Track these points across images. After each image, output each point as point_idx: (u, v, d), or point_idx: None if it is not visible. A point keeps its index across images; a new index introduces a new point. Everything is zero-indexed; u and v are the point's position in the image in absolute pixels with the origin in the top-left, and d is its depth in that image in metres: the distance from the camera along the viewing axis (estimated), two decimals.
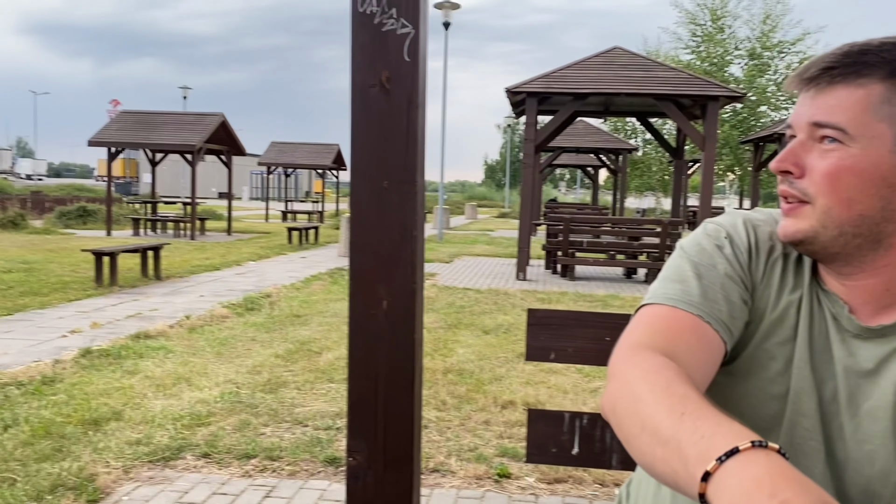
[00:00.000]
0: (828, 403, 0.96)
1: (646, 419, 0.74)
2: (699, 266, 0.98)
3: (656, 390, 0.77)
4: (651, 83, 11.56)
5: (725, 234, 1.02)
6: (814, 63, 0.91)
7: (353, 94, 1.86)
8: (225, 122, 18.17)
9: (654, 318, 0.94)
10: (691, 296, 0.94)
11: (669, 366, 0.82)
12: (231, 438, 3.96)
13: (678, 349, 0.88)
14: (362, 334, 1.90)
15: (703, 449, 0.64)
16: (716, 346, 0.92)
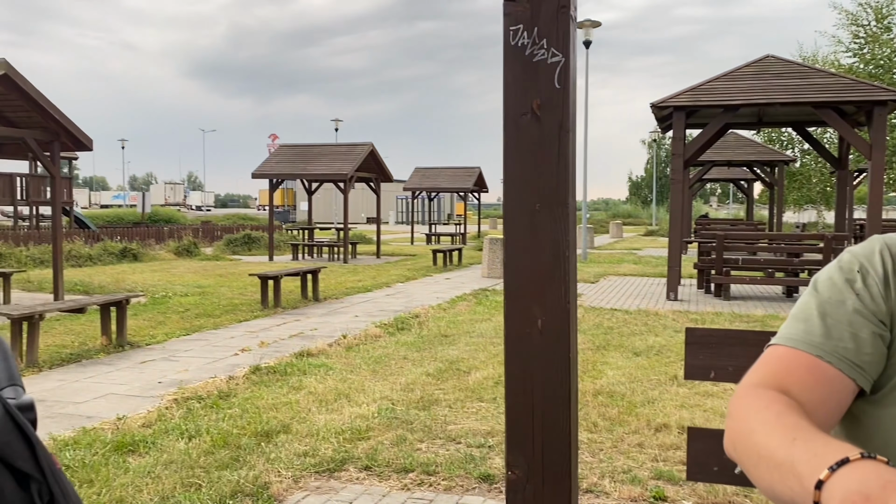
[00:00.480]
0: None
1: (761, 449, 0.78)
2: (826, 304, 0.98)
3: (768, 422, 0.81)
4: (808, 91, 10.93)
5: (858, 268, 1.00)
6: None
7: (506, 122, 1.95)
8: (374, 150, 19.00)
9: (773, 359, 0.96)
10: (812, 335, 0.95)
11: (780, 399, 0.85)
12: (389, 452, 4.14)
13: (792, 388, 0.90)
14: (518, 352, 1.98)
15: (815, 464, 0.68)
16: (839, 383, 0.92)
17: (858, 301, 0.97)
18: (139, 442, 4.27)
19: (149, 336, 7.90)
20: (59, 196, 10.80)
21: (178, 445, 4.23)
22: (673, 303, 10.88)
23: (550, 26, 1.90)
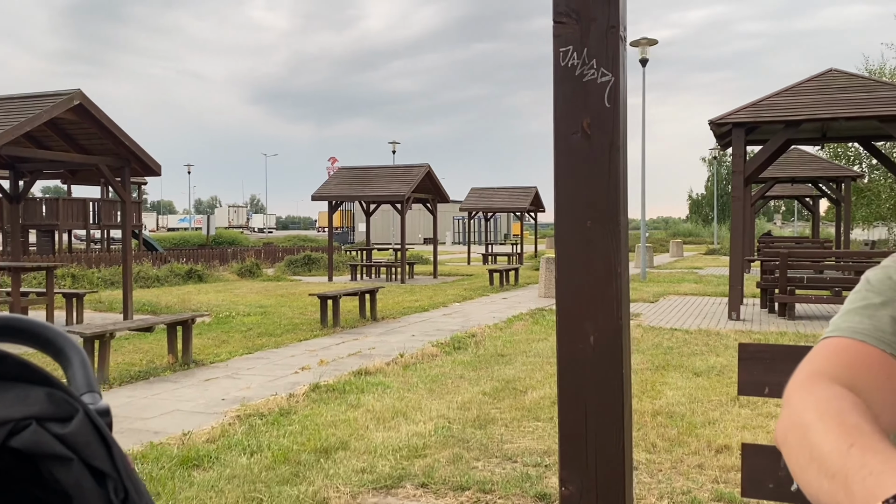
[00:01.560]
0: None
1: (813, 449, 0.71)
2: (890, 302, 0.90)
3: (826, 419, 0.73)
4: (874, 104, 10.62)
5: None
6: None
7: (556, 140, 1.99)
8: (430, 171, 19.20)
9: (838, 350, 0.88)
10: (882, 331, 0.87)
11: (845, 395, 0.77)
12: (446, 470, 4.16)
13: (861, 384, 0.82)
14: (571, 369, 1.99)
15: (869, 487, 0.61)
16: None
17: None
18: (203, 457, 4.40)
19: (213, 354, 8.12)
20: (129, 220, 11.25)
21: (241, 461, 4.34)
22: (735, 322, 10.63)
23: (600, 47, 1.93)
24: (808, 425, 0.75)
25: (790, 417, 0.79)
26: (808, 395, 0.79)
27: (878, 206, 28.42)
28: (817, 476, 0.69)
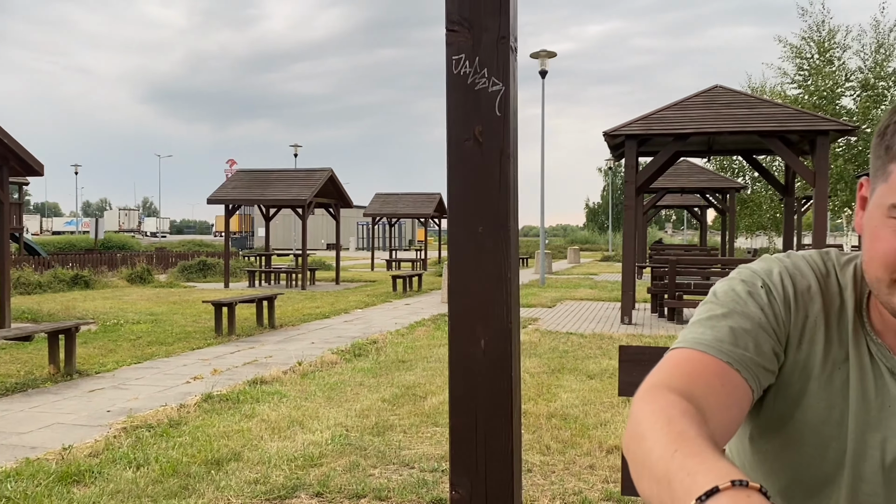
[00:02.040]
0: (892, 462, 0.95)
1: (646, 457, 0.74)
2: (732, 314, 0.97)
3: (657, 428, 0.77)
4: (755, 120, 11.30)
5: (762, 284, 1.00)
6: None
7: (449, 147, 2.01)
8: (333, 176, 19.00)
9: (680, 361, 0.93)
10: (721, 342, 0.93)
11: (677, 404, 0.81)
12: (342, 478, 4.12)
13: (698, 390, 0.87)
14: (462, 372, 2.01)
15: (686, 487, 0.64)
16: (742, 392, 0.91)
17: (762, 315, 0.97)
18: (85, 472, 4.17)
19: (98, 364, 7.73)
20: (7, 222, 10.56)
21: (126, 475, 4.15)
22: (627, 326, 11.04)
23: (491, 56, 1.97)
24: (642, 434, 0.79)
25: (630, 428, 0.83)
26: (647, 406, 0.83)
27: (759, 216, 30.21)
28: (649, 482, 0.73)
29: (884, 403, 0.96)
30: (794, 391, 1.00)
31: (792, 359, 1.00)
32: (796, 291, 1.00)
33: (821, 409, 0.99)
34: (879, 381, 0.97)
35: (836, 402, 0.98)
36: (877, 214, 0.88)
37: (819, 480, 1.00)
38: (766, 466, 1.06)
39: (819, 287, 1.01)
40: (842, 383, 0.98)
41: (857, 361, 0.98)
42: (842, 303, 1.01)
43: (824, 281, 1.02)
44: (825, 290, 1.02)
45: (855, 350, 0.98)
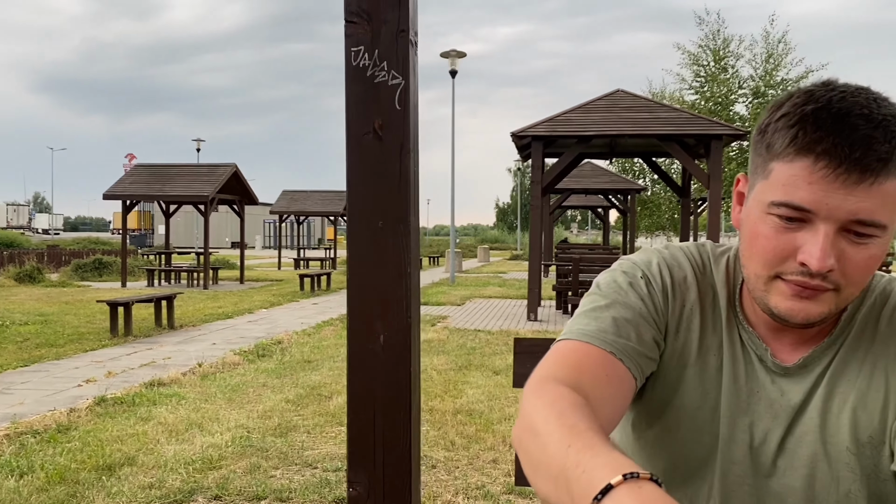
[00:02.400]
0: (759, 445, 0.99)
1: (540, 454, 0.74)
2: (614, 304, 0.99)
3: (549, 422, 0.77)
4: (654, 124, 11.74)
5: (641, 274, 1.03)
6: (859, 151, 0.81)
7: (348, 140, 1.98)
8: (237, 172, 18.51)
9: (566, 352, 0.95)
10: (605, 332, 0.96)
11: (566, 396, 0.82)
12: (241, 481, 4.01)
13: (584, 382, 0.88)
14: (361, 368, 1.99)
15: (584, 486, 0.65)
16: (626, 381, 0.94)
17: (642, 305, 1.00)
18: None
19: None
20: None
21: (8, 484, 3.90)
22: (533, 323, 11.25)
23: (390, 49, 1.95)
24: (534, 429, 0.78)
25: (521, 422, 0.83)
26: (537, 400, 0.83)
27: (658, 216, 31.38)
28: (545, 480, 0.73)
29: (752, 389, 1.00)
30: (672, 378, 1.03)
31: (670, 347, 1.03)
32: (674, 282, 1.03)
33: (696, 395, 1.02)
34: (749, 367, 1.01)
35: (710, 388, 1.02)
36: (755, 211, 0.91)
37: (694, 464, 1.03)
38: (647, 452, 1.09)
39: (695, 277, 1.05)
40: (716, 370, 1.02)
41: (729, 349, 1.01)
42: (715, 293, 1.04)
43: (700, 272, 1.06)
44: (701, 280, 1.05)
45: (728, 338, 1.02)
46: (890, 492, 0.93)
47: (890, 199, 0.83)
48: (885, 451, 0.93)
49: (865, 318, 0.98)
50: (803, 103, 0.86)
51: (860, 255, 0.85)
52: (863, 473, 0.94)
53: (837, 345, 0.98)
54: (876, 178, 0.81)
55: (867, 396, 0.94)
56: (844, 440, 0.95)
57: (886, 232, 0.85)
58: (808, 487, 0.97)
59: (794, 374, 0.98)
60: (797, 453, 0.97)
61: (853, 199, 0.82)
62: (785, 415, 0.98)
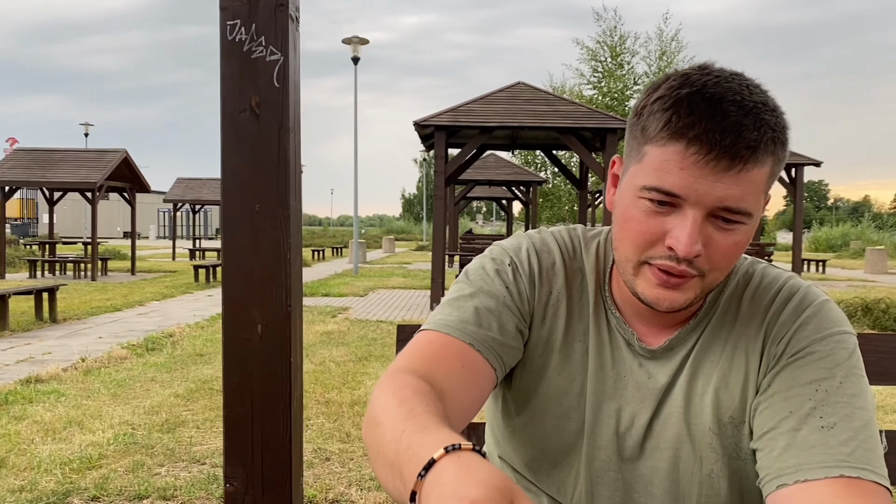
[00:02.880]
0: (626, 430, 0.99)
1: (379, 443, 0.73)
2: (478, 293, 0.98)
3: (389, 410, 0.75)
4: (553, 117, 11.96)
5: (510, 261, 1.02)
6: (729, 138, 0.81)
7: (223, 119, 1.88)
8: (127, 157, 17.65)
9: (424, 343, 0.93)
10: (465, 322, 0.94)
11: (411, 385, 0.80)
12: (123, 480, 3.81)
13: (439, 373, 0.87)
14: (237, 359, 1.90)
15: (413, 467, 0.63)
16: (484, 372, 0.92)
17: (508, 294, 0.99)
18: None
19: None
20: None
21: None
22: None
23: (268, 24, 1.86)
24: (376, 419, 0.77)
25: (367, 414, 0.81)
26: (382, 391, 0.82)
27: (559, 208, 32.19)
28: (383, 469, 0.71)
29: (619, 374, 1.00)
30: (537, 365, 1.02)
31: (536, 334, 1.02)
32: (541, 268, 1.02)
33: (562, 381, 1.01)
34: (616, 352, 1.00)
35: (577, 374, 1.01)
36: (628, 194, 0.90)
37: (561, 451, 1.02)
38: (516, 440, 1.07)
39: (563, 263, 1.04)
40: (581, 356, 1.01)
41: (596, 334, 1.01)
42: (584, 277, 1.04)
43: (570, 256, 1.05)
44: (569, 265, 1.04)
45: (595, 323, 1.01)
46: (750, 470, 0.94)
47: (756, 187, 0.84)
48: (745, 429, 0.94)
49: (729, 301, 0.99)
50: (679, 86, 0.85)
51: (726, 242, 0.86)
52: (724, 453, 0.95)
53: (702, 327, 0.98)
54: (744, 165, 0.82)
55: (729, 377, 0.95)
56: (707, 421, 0.95)
57: (752, 219, 0.86)
58: (672, 469, 0.97)
59: (661, 357, 0.98)
60: (662, 435, 0.98)
61: (721, 186, 0.82)
62: (652, 398, 0.98)
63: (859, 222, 43.19)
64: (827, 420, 0.84)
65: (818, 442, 0.83)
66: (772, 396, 0.90)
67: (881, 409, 5.37)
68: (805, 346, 0.91)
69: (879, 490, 0.80)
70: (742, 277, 1.00)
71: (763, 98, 0.84)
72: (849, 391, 0.87)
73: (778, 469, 0.84)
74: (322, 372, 6.64)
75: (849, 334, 0.93)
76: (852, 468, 0.80)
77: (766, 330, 0.95)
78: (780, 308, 0.95)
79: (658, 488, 0.98)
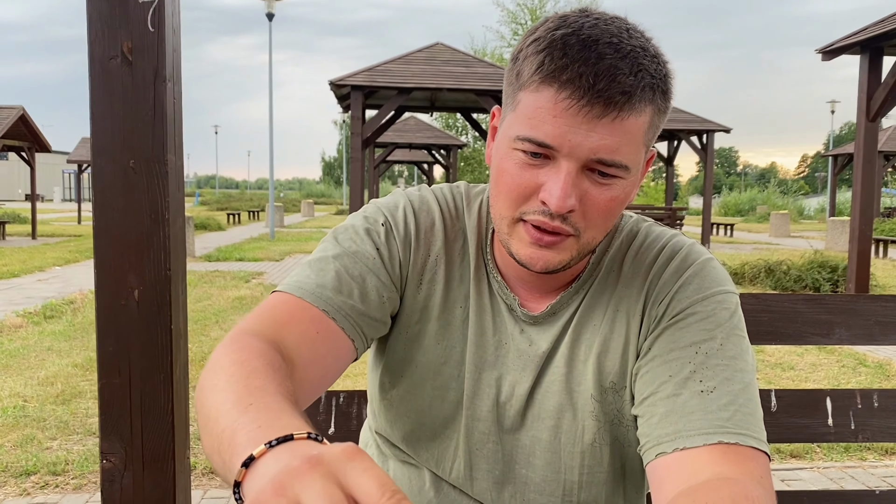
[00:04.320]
0: (506, 399, 0.94)
1: (215, 409, 0.66)
2: (343, 256, 0.91)
3: (234, 380, 0.68)
4: (472, 79, 11.89)
5: (383, 221, 0.95)
6: (603, 82, 0.75)
7: (92, 66, 1.71)
8: (25, 115, 16.60)
9: (277, 304, 0.86)
10: (323, 287, 0.87)
11: (263, 354, 0.74)
12: (9, 456, 3.59)
13: (290, 338, 0.81)
14: (112, 327, 1.76)
15: (255, 437, 0.57)
16: (340, 342, 0.86)
17: (378, 257, 0.92)
18: None
19: None
20: None
21: None
22: None
23: None
24: (216, 385, 0.70)
25: (205, 375, 0.74)
26: (228, 355, 0.74)
27: (480, 172, 32.32)
28: (212, 434, 0.64)
29: (501, 341, 0.94)
30: (413, 333, 0.95)
31: (411, 301, 0.95)
32: (419, 229, 0.95)
33: (440, 350, 0.95)
34: (498, 318, 0.94)
35: (456, 342, 0.95)
36: (503, 146, 0.83)
37: (440, 422, 0.97)
38: (393, 413, 1.00)
39: (443, 224, 0.97)
40: (461, 322, 0.95)
41: (476, 300, 0.94)
42: (465, 239, 0.97)
43: (450, 216, 0.98)
44: (450, 226, 0.97)
45: (475, 288, 0.94)
46: (632, 437, 0.91)
47: (633, 138, 0.79)
48: (626, 395, 0.91)
49: (611, 261, 0.94)
50: (555, 28, 0.78)
51: (602, 197, 0.80)
52: (606, 420, 0.92)
53: (584, 290, 0.93)
54: (619, 112, 0.76)
55: (610, 341, 0.91)
56: (589, 388, 0.91)
57: (630, 173, 0.81)
58: (554, 439, 0.93)
59: (543, 323, 0.93)
60: (544, 405, 0.93)
61: (595, 136, 0.77)
62: (533, 365, 0.93)
63: (766, 188, 45.21)
64: (706, 384, 0.81)
65: (697, 407, 0.80)
66: (652, 360, 0.86)
67: (778, 367, 5.61)
68: (686, 306, 0.87)
69: (757, 455, 0.77)
70: (626, 237, 0.95)
71: (643, 43, 0.78)
72: (729, 353, 0.84)
73: (657, 437, 0.81)
74: None
75: (731, 294, 0.90)
76: (730, 433, 0.77)
77: (647, 291, 0.90)
78: (662, 268, 0.91)
79: (540, 459, 0.94)
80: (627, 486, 0.96)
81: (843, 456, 3.80)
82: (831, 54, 8.71)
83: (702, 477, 0.74)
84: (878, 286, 9.64)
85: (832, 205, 26.42)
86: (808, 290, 9.41)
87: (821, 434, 1.46)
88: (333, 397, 1.59)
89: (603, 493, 0.94)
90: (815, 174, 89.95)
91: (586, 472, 0.93)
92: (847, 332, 1.48)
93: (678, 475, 0.76)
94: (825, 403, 1.47)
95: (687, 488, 0.73)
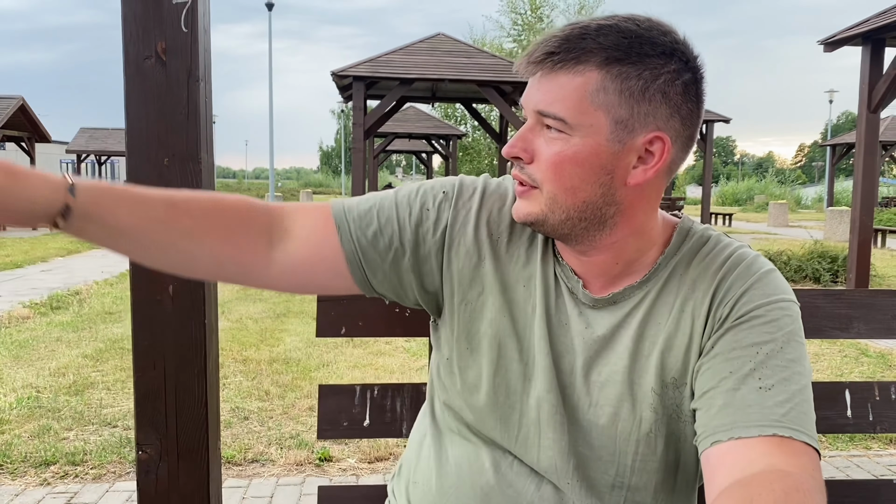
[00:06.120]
0: (566, 376, 0.99)
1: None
2: (389, 196, 1.03)
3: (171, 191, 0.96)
4: (473, 70, 11.88)
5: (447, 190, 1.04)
6: (538, 45, 0.88)
7: (127, 65, 1.75)
8: (24, 105, 16.56)
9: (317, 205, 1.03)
10: (351, 210, 1.00)
11: (234, 196, 0.98)
12: (28, 446, 3.64)
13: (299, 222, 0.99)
14: (147, 322, 1.80)
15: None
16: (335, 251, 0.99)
17: (409, 215, 1.01)
18: None
19: None
20: None
21: None
22: None
23: None
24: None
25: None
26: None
27: (479, 162, 32.29)
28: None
29: (561, 321, 0.99)
30: (478, 306, 1.01)
31: (471, 272, 1.01)
32: (482, 207, 1.02)
33: (507, 324, 1.00)
34: (560, 300, 1.00)
35: (520, 318, 1.00)
36: None
37: (505, 397, 1.01)
38: (460, 385, 1.04)
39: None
40: (525, 300, 1.00)
41: (542, 281, 1.00)
42: None
43: None
44: None
45: (542, 270, 1.00)
46: (688, 431, 0.96)
47: (571, 94, 0.86)
48: (686, 391, 0.95)
49: (679, 262, 0.99)
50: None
51: (549, 150, 0.89)
52: (664, 413, 0.96)
53: (649, 286, 0.98)
54: (552, 68, 0.87)
55: (674, 339, 0.96)
56: (650, 382, 0.96)
57: (574, 130, 0.87)
58: (611, 425, 0.98)
59: (602, 307, 0.99)
60: (604, 392, 0.98)
61: (534, 90, 0.89)
62: (589, 347, 0.98)
63: (763, 177, 45.22)
64: (765, 381, 0.86)
65: (755, 402, 0.85)
66: (714, 357, 0.91)
67: None
68: (750, 310, 0.92)
69: (809, 451, 0.82)
70: (695, 242, 1.00)
71: (613, 21, 0.88)
72: (788, 356, 0.89)
73: (714, 426, 0.85)
74: (239, 329, 6.50)
75: (793, 303, 0.95)
76: (786, 428, 0.82)
77: (713, 293, 0.95)
78: (728, 273, 0.96)
79: (596, 441, 0.99)
80: (679, 478, 1.00)
81: (849, 445, 3.86)
82: (833, 46, 8.72)
83: (756, 467, 0.78)
84: (878, 276, 9.70)
85: (830, 194, 26.47)
86: (808, 281, 9.47)
87: (840, 425, 1.51)
88: (368, 390, 1.63)
89: (653, 481, 0.99)
90: (812, 164, 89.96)
91: (639, 459, 0.98)
92: (865, 326, 1.53)
93: (732, 464, 0.80)
94: (844, 395, 1.53)
95: (741, 478, 0.77)
